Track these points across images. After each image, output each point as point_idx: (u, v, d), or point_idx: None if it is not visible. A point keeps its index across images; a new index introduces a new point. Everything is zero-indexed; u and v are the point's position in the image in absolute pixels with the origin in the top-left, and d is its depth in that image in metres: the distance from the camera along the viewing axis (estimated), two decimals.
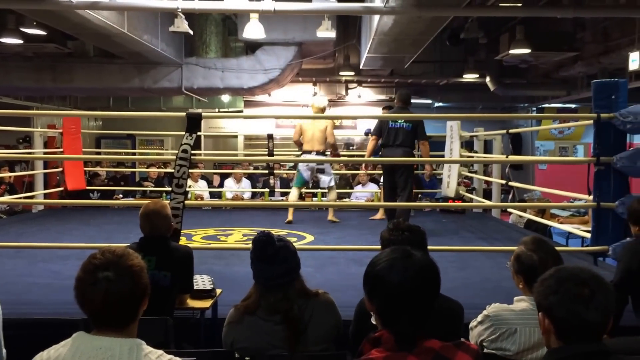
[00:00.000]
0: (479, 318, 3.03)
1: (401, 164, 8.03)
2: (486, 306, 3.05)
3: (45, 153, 11.63)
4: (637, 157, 5.62)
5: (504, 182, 9.94)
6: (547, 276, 2.07)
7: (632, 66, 9.56)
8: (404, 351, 2.02)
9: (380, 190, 10.40)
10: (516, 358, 2.88)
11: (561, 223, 8.71)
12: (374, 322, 2.18)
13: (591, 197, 5.90)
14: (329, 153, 9.33)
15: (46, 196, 10.72)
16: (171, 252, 4.00)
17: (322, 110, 9.47)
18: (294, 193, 9.44)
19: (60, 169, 10.73)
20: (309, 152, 9.12)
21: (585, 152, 18.35)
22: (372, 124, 9.43)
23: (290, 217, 9.28)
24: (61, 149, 10.44)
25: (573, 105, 16.95)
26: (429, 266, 2.12)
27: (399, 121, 8.04)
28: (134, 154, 16.99)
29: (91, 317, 2.07)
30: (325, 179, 9.40)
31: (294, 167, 13.78)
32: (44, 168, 11.00)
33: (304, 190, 10.99)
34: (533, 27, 11.21)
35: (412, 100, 8.63)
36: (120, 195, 11.99)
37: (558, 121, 13.72)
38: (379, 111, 16.54)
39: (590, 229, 6.19)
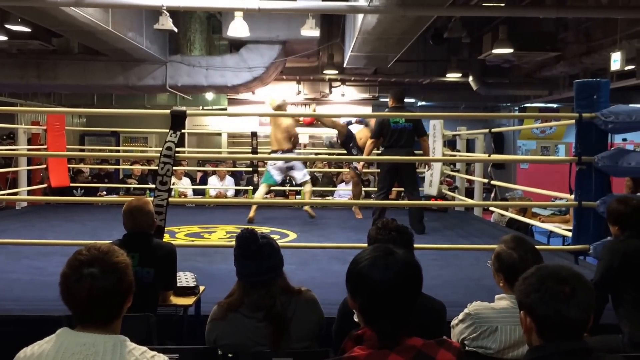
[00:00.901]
0: (460, 316, 3.05)
1: (405, 165, 8.01)
2: (467, 304, 3.07)
3: (29, 150, 11.56)
4: (618, 156, 5.69)
5: (486, 181, 9.97)
6: (529, 274, 2.08)
7: (614, 66, 9.60)
8: (386, 349, 2.02)
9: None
10: (497, 356, 2.89)
11: (542, 222, 8.76)
12: (356, 320, 2.18)
13: (573, 196, 5.95)
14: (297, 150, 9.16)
15: (30, 193, 10.65)
16: (154, 248, 4.00)
17: (279, 107, 9.19)
18: (261, 190, 9.17)
19: (44, 166, 10.68)
20: (276, 152, 8.96)
21: (566, 151, 18.47)
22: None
23: (252, 213, 9.00)
24: (45, 146, 10.39)
25: (555, 105, 17.05)
26: (411, 264, 2.13)
27: (401, 121, 7.95)
28: (117, 151, 16.90)
29: (75, 314, 2.07)
30: (298, 175, 9.22)
31: None
32: (28, 165, 10.94)
33: (288, 188, 10.99)
34: (516, 27, 11.26)
35: None
36: (104, 192, 11.95)
37: (540, 121, 13.78)
38: (362, 109, 16.64)
39: (571, 227, 6.25)
